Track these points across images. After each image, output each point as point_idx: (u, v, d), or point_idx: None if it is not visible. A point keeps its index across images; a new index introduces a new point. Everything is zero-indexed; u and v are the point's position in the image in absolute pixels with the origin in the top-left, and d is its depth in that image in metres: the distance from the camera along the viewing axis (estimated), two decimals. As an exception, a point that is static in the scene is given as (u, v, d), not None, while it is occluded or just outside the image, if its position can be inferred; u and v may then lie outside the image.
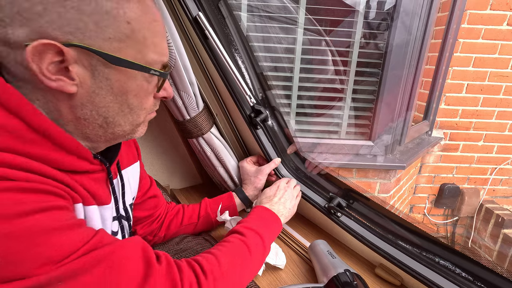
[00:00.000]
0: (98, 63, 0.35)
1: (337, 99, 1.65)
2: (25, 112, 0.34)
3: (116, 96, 0.39)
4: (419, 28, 1.47)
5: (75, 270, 0.32)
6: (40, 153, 0.35)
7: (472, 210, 2.29)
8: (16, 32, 0.32)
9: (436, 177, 2.25)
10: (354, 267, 0.73)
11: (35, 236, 0.30)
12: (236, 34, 0.78)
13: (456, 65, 1.96)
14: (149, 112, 0.46)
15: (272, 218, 0.67)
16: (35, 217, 0.31)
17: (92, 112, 0.38)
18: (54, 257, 0.31)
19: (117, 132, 0.42)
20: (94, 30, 0.34)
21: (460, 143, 2.16)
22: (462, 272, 0.60)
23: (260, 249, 0.57)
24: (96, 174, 0.45)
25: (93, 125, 0.40)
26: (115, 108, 0.39)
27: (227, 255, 0.50)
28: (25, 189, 0.32)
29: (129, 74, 0.38)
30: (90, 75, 0.36)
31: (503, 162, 2.21)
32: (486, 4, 1.83)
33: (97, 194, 0.44)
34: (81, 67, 0.35)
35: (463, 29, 1.88)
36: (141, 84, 0.40)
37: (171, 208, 0.77)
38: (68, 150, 0.38)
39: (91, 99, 0.37)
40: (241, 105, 0.80)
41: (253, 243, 0.55)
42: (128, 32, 0.36)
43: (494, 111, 2.07)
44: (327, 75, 1.61)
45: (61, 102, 0.36)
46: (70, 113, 0.37)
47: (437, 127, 2.13)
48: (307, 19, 1.50)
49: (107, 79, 0.37)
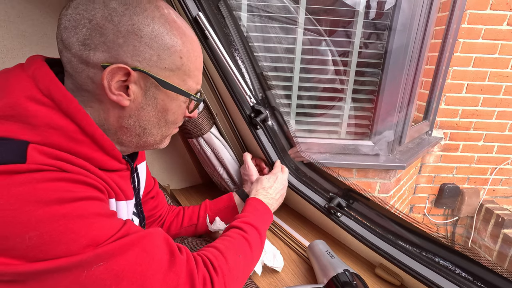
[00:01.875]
0: (151, 85, 0.44)
1: (337, 99, 1.65)
2: (79, 117, 0.40)
3: (158, 112, 0.47)
4: (419, 28, 1.47)
5: (114, 251, 0.37)
6: (86, 152, 0.42)
7: (472, 210, 2.29)
8: (97, 55, 0.40)
9: (436, 177, 2.26)
10: (354, 267, 0.73)
11: (82, 219, 0.36)
12: (236, 34, 0.78)
13: (456, 65, 1.96)
14: (176, 127, 0.54)
15: (266, 211, 0.69)
16: (83, 203, 0.37)
17: (135, 123, 0.46)
18: (96, 238, 0.36)
19: (149, 141, 0.50)
20: (156, 60, 0.43)
21: (460, 143, 2.16)
22: (462, 272, 0.60)
23: (259, 244, 0.60)
24: (123, 172, 0.51)
25: (131, 133, 0.47)
26: (154, 122, 0.48)
27: (231, 251, 0.53)
28: (76, 180, 0.37)
29: (172, 96, 0.47)
30: (143, 93, 0.44)
31: (503, 162, 2.21)
32: (486, 4, 1.83)
33: (124, 190, 0.50)
34: (138, 87, 0.44)
35: (463, 29, 1.88)
36: (179, 105, 0.49)
37: (172, 210, 0.77)
38: (106, 151, 0.45)
39: (138, 112, 0.45)
40: (241, 105, 0.80)
41: (253, 239, 0.58)
42: (179, 65, 0.45)
43: (494, 111, 2.07)
44: (327, 75, 1.61)
45: (113, 112, 0.44)
46: (116, 121, 0.45)
47: (437, 127, 2.13)
48: (307, 19, 1.50)
49: (155, 98, 0.46)
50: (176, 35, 0.44)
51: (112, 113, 0.44)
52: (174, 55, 0.44)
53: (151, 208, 0.70)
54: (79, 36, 0.39)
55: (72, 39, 0.40)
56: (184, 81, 0.47)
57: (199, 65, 0.49)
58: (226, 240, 0.55)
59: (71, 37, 0.40)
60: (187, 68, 0.47)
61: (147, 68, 0.43)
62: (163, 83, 0.44)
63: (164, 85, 0.45)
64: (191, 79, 0.48)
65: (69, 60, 0.41)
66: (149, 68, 0.43)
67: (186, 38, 0.45)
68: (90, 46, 0.40)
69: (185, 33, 0.45)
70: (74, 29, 0.39)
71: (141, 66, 0.42)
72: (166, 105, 0.47)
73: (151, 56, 0.42)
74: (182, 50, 0.45)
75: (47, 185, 0.34)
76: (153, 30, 0.42)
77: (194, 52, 0.47)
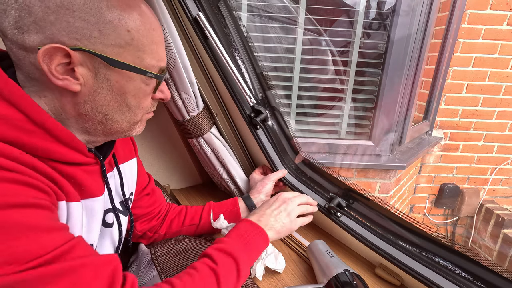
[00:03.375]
0: (100, 66, 0.40)
1: (337, 99, 1.65)
2: (24, 104, 0.37)
3: (116, 95, 0.43)
4: (419, 28, 1.47)
5: (41, 278, 0.32)
6: (37, 143, 0.38)
7: (472, 210, 2.29)
8: (31, 38, 0.36)
9: (436, 177, 2.25)
10: (354, 267, 0.73)
11: (7, 231, 0.31)
12: (236, 34, 0.78)
13: (456, 65, 1.96)
14: (146, 112, 0.49)
15: (256, 234, 0.59)
16: (13, 212, 0.32)
17: (93, 109, 0.42)
18: (20, 257, 0.31)
19: (115, 128, 0.46)
20: (97, 37, 0.38)
21: (460, 143, 2.16)
22: (462, 272, 0.60)
23: (233, 278, 0.50)
24: (90, 167, 0.48)
25: (93, 120, 0.44)
26: (115, 106, 0.44)
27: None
28: (13, 180, 0.33)
29: (127, 76, 0.42)
30: (93, 76, 0.40)
31: (503, 162, 2.21)
32: (486, 4, 1.83)
33: (88, 185, 0.46)
34: (86, 69, 0.40)
35: (463, 29, 1.88)
36: (139, 85, 0.44)
37: (173, 207, 0.77)
38: (63, 142, 0.41)
39: (93, 97, 0.42)
40: (241, 105, 0.80)
41: (224, 273, 0.49)
42: (128, 39, 0.40)
43: (494, 111, 2.07)
44: (327, 75, 1.61)
45: (65, 99, 0.41)
46: (72, 109, 0.42)
47: (437, 127, 2.13)
48: (307, 19, 1.50)
49: (108, 80, 0.41)
50: (117, 6, 0.39)
51: (65, 101, 0.41)
52: (118, 29, 0.39)
53: (148, 205, 0.69)
54: (10, 20, 0.36)
55: (5, 24, 0.36)
56: (139, 58, 0.42)
57: (156, 39, 0.44)
58: (188, 275, 0.47)
59: (3, 22, 0.36)
60: (140, 43, 0.41)
61: (89, 46, 0.38)
62: (111, 61, 0.40)
63: (114, 64, 0.40)
64: (148, 56, 0.43)
65: (10, 48, 0.38)
66: (92, 46, 0.38)
67: (132, 10, 0.40)
68: (23, 29, 0.36)
69: (130, 4, 0.40)
70: (4, 12, 0.36)
71: (82, 45, 0.38)
72: (123, 87, 0.42)
73: (91, 32, 0.38)
74: (129, 23, 0.40)
75: None
76: (87, 2, 0.37)
77: (146, 24, 0.42)
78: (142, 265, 0.65)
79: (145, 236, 0.71)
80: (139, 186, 0.66)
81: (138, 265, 0.66)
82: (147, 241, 0.72)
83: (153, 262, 0.63)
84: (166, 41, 0.68)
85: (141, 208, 0.68)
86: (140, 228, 0.69)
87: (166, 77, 0.74)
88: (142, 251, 0.68)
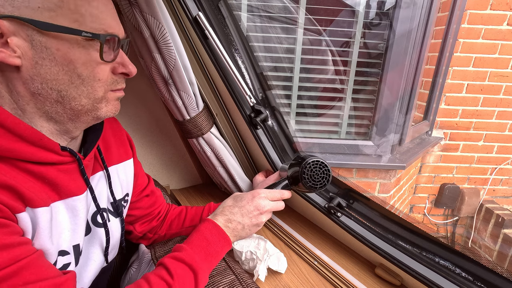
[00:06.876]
0: (33, 33, 0.37)
1: (337, 99, 1.65)
2: None
3: (62, 66, 0.39)
4: (419, 28, 1.47)
5: None
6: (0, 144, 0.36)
7: (472, 210, 2.29)
8: None
9: (436, 177, 2.25)
10: (354, 267, 0.73)
11: None
12: (236, 34, 0.78)
13: (456, 65, 1.96)
14: (108, 86, 0.44)
15: (220, 238, 0.56)
16: None
17: (43, 85, 0.39)
18: None
19: (75, 107, 0.42)
20: (22, 1, 0.35)
21: (460, 143, 2.16)
22: (462, 272, 0.60)
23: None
24: (66, 166, 0.45)
25: (50, 100, 0.40)
26: (65, 79, 0.40)
27: None
28: None
29: (68, 42, 0.38)
30: (29, 45, 0.37)
31: (503, 162, 2.21)
32: (486, 4, 1.83)
33: (65, 185, 0.44)
34: (20, 39, 0.37)
35: (463, 29, 1.88)
36: (87, 52, 0.40)
37: (173, 208, 0.77)
38: (29, 141, 0.39)
39: (37, 71, 0.38)
40: (241, 105, 0.80)
41: (180, 284, 0.46)
42: (57, 1, 0.37)
43: (494, 111, 2.07)
44: (327, 75, 1.61)
45: (11, 78, 0.38)
46: (24, 89, 0.39)
47: (437, 127, 2.13)
48: (307, 19, 1.50)
49: (46, 48, 0.38)
50: None
51: (14, 82, 0.38)
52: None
53: (148, 206, 0.69)
54: None
55: None
56: (76, 21, 0.38)
57: (96, 3, 0.40)
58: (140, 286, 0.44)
59: None
60: (73, 5, 0.38)
61: (15, 12, 0.35)
62: (41, 24, 0.36)
63: (44, 27, 0.36)
64: (87, 19, 0.39)
65: None
66: (17, 11, 0.35)
67: None
68: None
69: None
70: None
71: (6, 12, 0.35)
72: (67, 54, 0.39)
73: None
74: None
75: None
76: None
77: None
78: (143, 265, 0.65)
79: (145, 237, 0.71)
80: (138, 187, 0.66)
81: (138, 265, 0.66)
82: (147, 242, 0.72)
83: (153, 262, 0.63)
84: (166, 41, 0.68)
85: (141, 209, 0.68)
86: (141, 229, 0.69)
87: (166, 76, 0.74)
88: (143, 251, 0.68)
